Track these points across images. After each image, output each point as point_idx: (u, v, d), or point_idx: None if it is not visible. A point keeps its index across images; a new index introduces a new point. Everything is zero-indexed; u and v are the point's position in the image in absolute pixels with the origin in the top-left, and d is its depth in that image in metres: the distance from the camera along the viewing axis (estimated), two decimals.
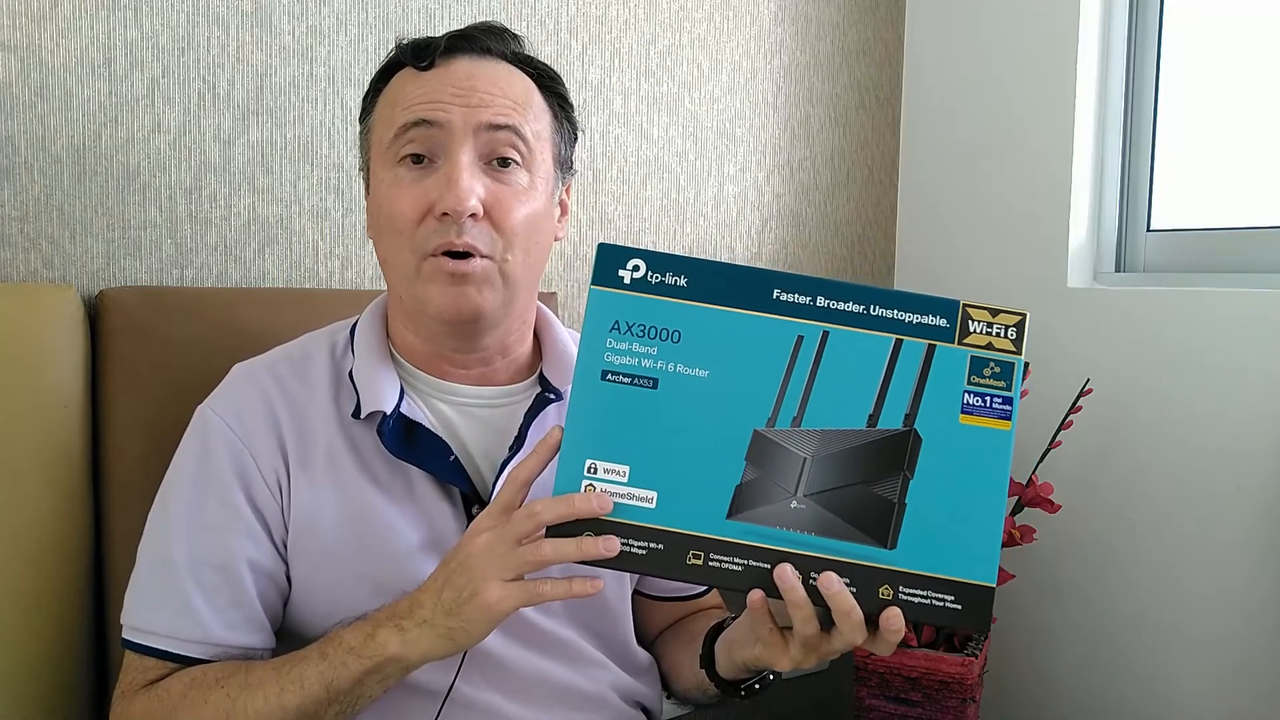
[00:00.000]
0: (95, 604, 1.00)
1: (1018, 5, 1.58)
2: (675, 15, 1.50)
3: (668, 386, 0.74)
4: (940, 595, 0.72)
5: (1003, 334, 0.75)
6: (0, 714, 0.93)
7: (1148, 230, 1.52)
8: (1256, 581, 1.32)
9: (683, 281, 0.75)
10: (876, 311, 0.75)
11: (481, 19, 0.94)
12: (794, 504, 0.73)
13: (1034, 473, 1.34)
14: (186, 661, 0.85)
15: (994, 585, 0.72)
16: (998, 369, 0.75)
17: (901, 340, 0.75)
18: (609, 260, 0.75)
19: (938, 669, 1.27)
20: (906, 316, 0.75)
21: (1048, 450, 1.35)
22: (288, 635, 0.90)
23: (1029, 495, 1.33)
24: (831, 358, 0.74)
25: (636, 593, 1.03)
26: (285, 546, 0.87)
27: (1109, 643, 1.47)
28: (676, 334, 0.74)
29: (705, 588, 1.07)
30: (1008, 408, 0.74)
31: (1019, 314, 0.75)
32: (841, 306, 0.75)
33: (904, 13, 1.76)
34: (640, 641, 1.01)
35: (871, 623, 0.73)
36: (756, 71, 1.59)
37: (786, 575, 0.71)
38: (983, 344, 0.75)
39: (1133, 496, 1.43)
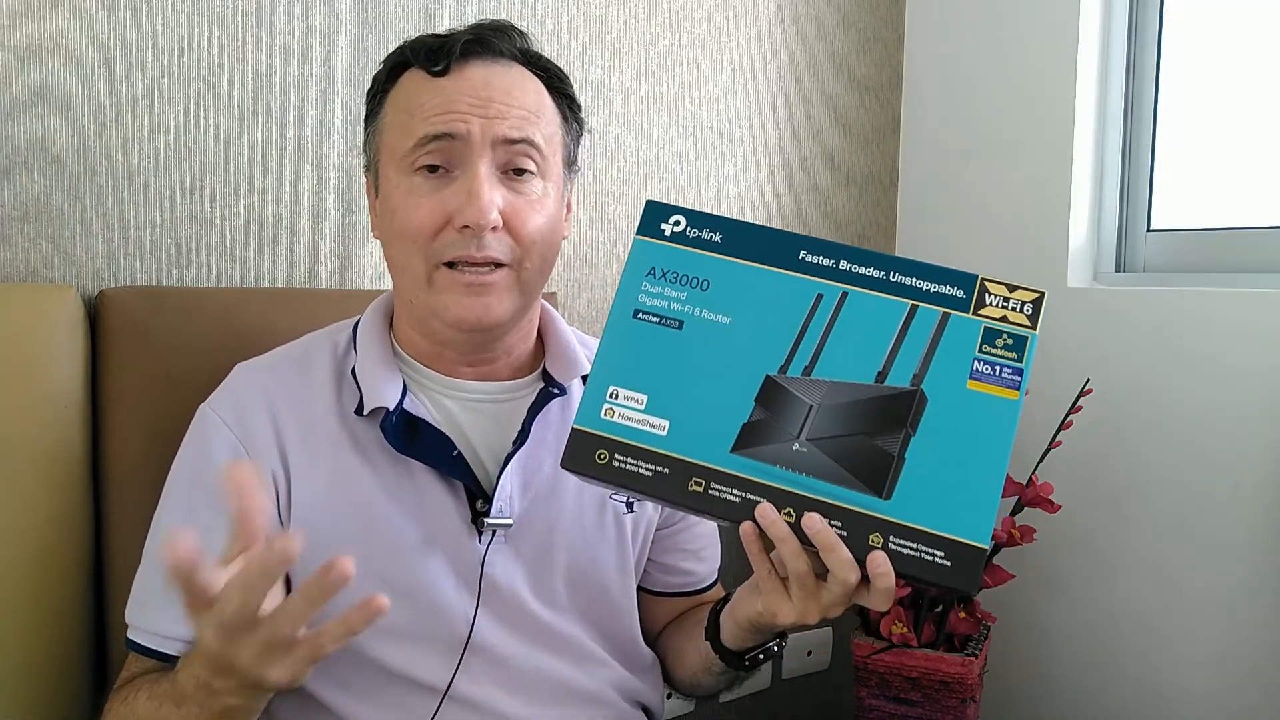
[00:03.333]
0: (95, 604, 1.01)
1: (1018, 5, 1.58)
2: (675, 15, 1.50)
3: (691, 328, 0.78)
4: (930, 550, 0.72)
5: (1019, 309, 0.77)
6: (0, 713, 0.93)
7: (1148, 230, 1.52)
8: (1256, 582, 1.32)
9: (717, 237, 0.80)
10: (896, 278, 0.78)
11: (482, 19, 0.94)
12: (796, 446, 0.75)
13: (1034, 473, 1.34)
14: (165, 659, 0.85)
15: (986, 547, 0.73)
16: (1010, 340, 0.76)
17: (917, 306, 0.77)
18: (654, 215, 0.81)
19: (938, 669, 1.27)
20: (924, 285, 0.78)
21: (1048, 450, 1.35)
22: None
23: (1029, 495, 1.33)
24: (848, 317, 0.77)
25: (641, 589, 1.03)
26: None
27: (1109, 643, 1.47)
28: (705, 283, 0.79)
29: (709, 583, 1.08)
30: (1017, 378, 0.75)
31: (1037, 291, 0.77)
32: (862, 271, 0.78)
33: (904, 13, 1.76)
34: (644, 638, 1.02)
35: (864, 573, 0.73)
36: (756, 71, 1.59)
37: (766, 512, 0.73)
38: (997, 316, 0.77)
39: (1132, 496, 1.43)
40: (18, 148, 1.03)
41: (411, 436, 0.88)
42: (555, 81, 0.92)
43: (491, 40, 0.88)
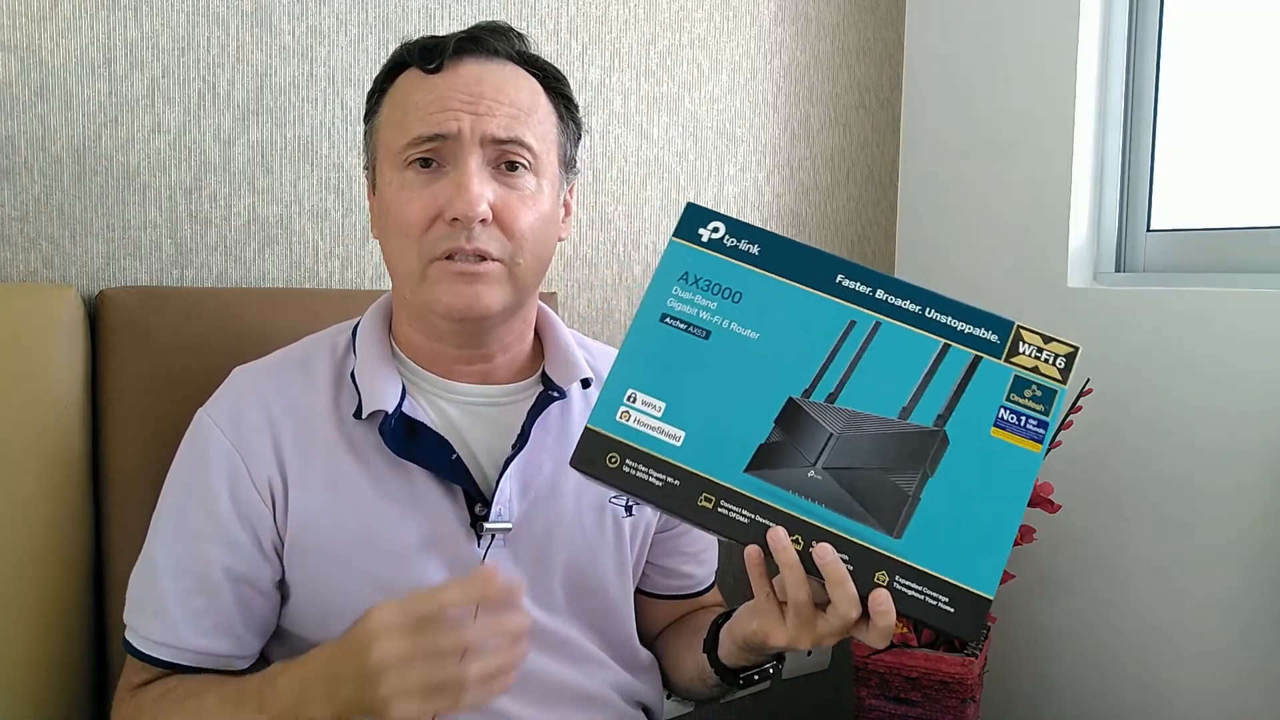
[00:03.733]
0: (95, 604, 1.00)
1: (1018, 6, 1.58)
2: (675, 15, 1.50)
3: (719, 340, 0.77)
4: (935, 594, 0.72)
5: (1051, 361, 0.76)
6: (0, 714, 0.93)
7: (1148, 230, 1.52)
8: (1256, 582, 1.32)
9: (755, 250, 0.79)
10: (931, 314, 0.77)
11: (482, 19, 0.94)
12: (811, 474, 0.74)
13: None
14: (157, 664, 0.86)
15: (991, 598, 0.72)
16: (1039, 392, 0.75)
17: (949, 346, 0.76)
18: (693, 219, 0.81)
19: (938, 669, 1.28)
20: (959, 325, 0.77)
21: (1048, 450, 1.35)
22: (291, 637, 0.90)
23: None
24: (878, 348, 0.76)
25: (639, 591, 1.03)
26: (281, 552, 0.87)
27: (1109, 643, 1.47)
28: (738, 295, 0.78)
29: (706, 585, 1.08)
30: (1042, 431, 0.75)
31: (1072, 346, 0.77)
32: (898, 303, 0.77)
33: (904, 13, 1.76)
34: (642, 640, 1.02)
35: (865, 609, 0.73)
36: (756, 71, 1.59)
37: (779, 536, 0.72)
38: (1029, 366, 0.76)
39: (1132, 496, 1.43)
40: (18, 148, 1.03)
41: (410, 440, 0.88)
42: (552, 82, 0.92)
43: (486, 39, 0.89)
